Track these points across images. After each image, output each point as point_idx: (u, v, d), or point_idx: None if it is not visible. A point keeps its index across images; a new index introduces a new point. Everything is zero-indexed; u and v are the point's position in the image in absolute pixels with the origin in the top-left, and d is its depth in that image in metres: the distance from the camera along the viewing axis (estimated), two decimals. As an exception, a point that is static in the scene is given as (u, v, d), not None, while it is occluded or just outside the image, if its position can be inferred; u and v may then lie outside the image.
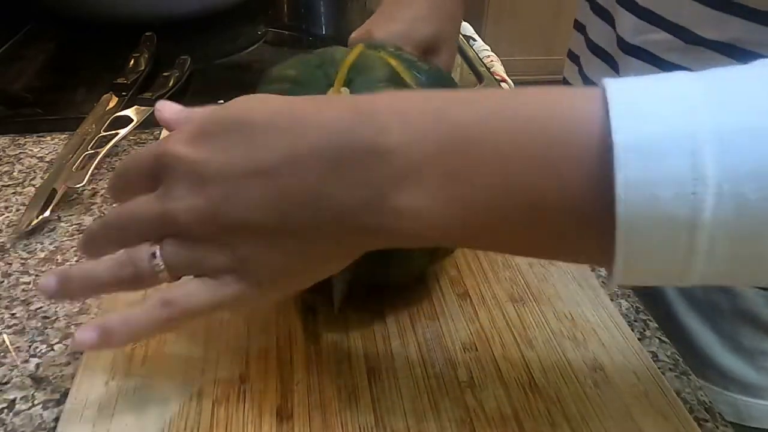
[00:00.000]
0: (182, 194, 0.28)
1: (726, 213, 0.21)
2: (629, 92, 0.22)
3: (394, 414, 0.33)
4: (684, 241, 0.22)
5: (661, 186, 0.21)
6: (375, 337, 0.38)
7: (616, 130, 0.21)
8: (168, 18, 0.85)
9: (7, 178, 0.55)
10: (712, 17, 0.41)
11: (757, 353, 0.48)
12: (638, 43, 0.48)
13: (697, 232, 0.21)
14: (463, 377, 0.35)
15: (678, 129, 0.21)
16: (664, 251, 0.22)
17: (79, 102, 0.69)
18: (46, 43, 0.85)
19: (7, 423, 0.33)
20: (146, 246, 0.29)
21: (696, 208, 0.21)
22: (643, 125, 0.21)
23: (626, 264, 0.23)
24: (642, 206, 0.21)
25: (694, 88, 0.22)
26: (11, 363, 0.37)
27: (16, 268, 0.45)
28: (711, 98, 0.21)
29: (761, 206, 0.20)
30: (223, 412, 0.33)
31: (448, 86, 0.39)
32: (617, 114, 0.22)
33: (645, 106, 0.22)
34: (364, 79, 0.36)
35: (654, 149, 0.21)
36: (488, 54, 0.92)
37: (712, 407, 0.35)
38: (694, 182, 0.21)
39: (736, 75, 0.23)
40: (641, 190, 0.21)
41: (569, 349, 0.37)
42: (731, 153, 0.20)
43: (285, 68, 0.38)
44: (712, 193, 0.21)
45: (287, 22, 0.95)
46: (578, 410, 0.33)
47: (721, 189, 0.20)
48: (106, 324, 0.30)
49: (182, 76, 0.71)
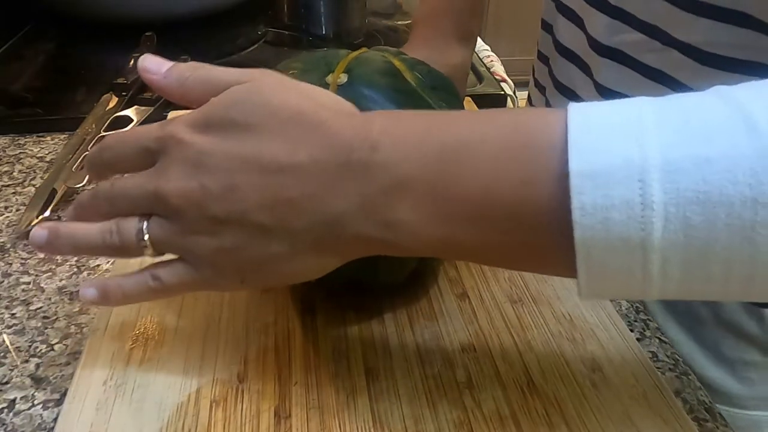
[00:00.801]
0: (179, 176, 0.28)
1: (674, 235, 0.22)
2: (586, 122, 0.24)
3: (392, 414, 0.33)
4: (638, 262, 0.23)
5: (614, 210, 0.23)
6: (373, 338, 0.38)
7: (572, 158, 0.23)
8: (168, 18, 0.85)
9: (7, 178, 0.55)
10: (681, 17, 0.41)
11: (740, 363, 0.48)
12: (613, 44, 0.47)
13: (648, 252, 0.23)
14: (462, 378, 0.35)
15: (628, 157, 0.23)
16: (622, 270, 0.24)
17: (79, 102, 0.69)
18: (46, 43, 0.85)
19: (7, 423, 0.33)
20: (135, 220, 0.30)
21: (646, 231, 0.22)
22: (597, 155, 0.23)
23: (588, 281, 0.25)
24: (597, 229, 0.23)
25: (647, 117, 0.24)
26: (11, 363, 0.37)
27: (16, 268, 0.45)
28: (661, 127, 0.23)
29: (706, 229, 0.22)
30: (221, 413, 0.33)
31: (446, 88, 0.39)
32: (574, 143, 0.23)
33: (599, 135, 0.24)
34: (365, 70, 0.36)
35: (606, 177, 0.23)
36: (488, 54, 0.92)
37: (712, 407, 0.35)
38: (642, 206, 0.22)
39: (689, 103, 0.24)
40: (595, 215, 0.23)
41: (568, 350, 0.37)
42: (676, 179, 0.22)
43: (291, 62, 0.39)
44: (659, 217, 0.22)
45: (287, 22, 0.95)
46: (576, 411, 0.33)
47: (668, 212, 0.22)
48: (104, 285, 0.32)
49: (182, 76, 0.71)
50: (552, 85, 0.57)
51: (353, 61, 0.37)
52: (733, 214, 0.22)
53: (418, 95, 0.37)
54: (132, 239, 0.30)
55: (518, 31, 2.70)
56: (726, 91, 0.24)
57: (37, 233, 0.32)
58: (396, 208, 0.27)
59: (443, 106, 0.37)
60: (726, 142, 0.22)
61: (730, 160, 0.22)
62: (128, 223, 0.30)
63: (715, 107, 0.23)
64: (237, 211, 0.28)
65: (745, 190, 0.21)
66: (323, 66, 0.37)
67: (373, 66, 0.37)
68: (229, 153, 0.28)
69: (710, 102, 0.24)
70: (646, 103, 0.25)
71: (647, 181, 0.22)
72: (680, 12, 0.41)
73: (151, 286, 0.31)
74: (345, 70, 0.36)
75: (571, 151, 0.23)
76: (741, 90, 0.24)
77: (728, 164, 0.22)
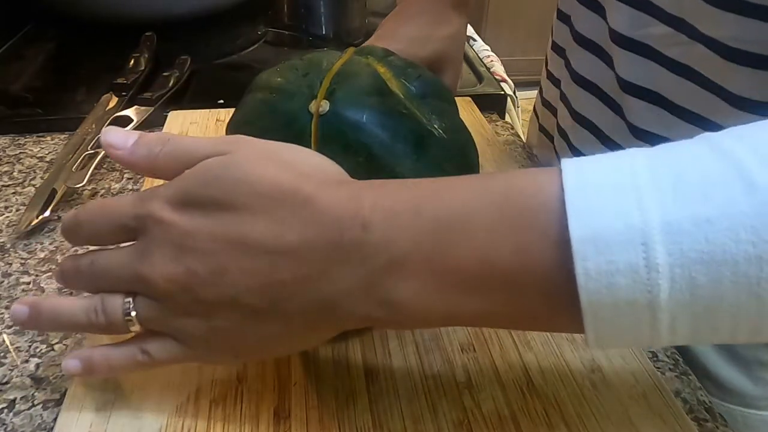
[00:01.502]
0: (163, 261, 0.28)
1: (681, 295, 0.22)
2: (582, 183, 0.24)
3: (391, 415, 0.33)
4: (647, 321, 0.23)
5: (618, 275, 0.22)
6: (373, 338, 0.38)
7: (572, 224, 0.23)
8: (168, 18, 0.85)
9: (7, 178, 0.56)
10: (708, 12, 0.40)
11: (755, 364, 0.48)
12: (636, 37, 0.46)
13: (657, 312, 0.23)
14: (461, 378, 0.35)
15: (629, 222, 0.23)
16: (630, 329, 0.24)
17: (79, 102, 0.69)
18: (46, 43, 0.85)
19: (7, 423, 0.33)
20: (120, 298, 0.29)
21: (652, 293, 0.22)
22: (597, 220, 0.23)
23: (597, 339, 0.25)
24: (602, 293, 0.23)
25: (641, 174, 0.23)
26: (11, 363, 0.37)
27: (16, 268, 0.45)
28: (657, 184, 0.23)
29: (712, 287, 0.22)
30: (220, 413, 0.33)
31: (440, 94, 0.38)
32: (573, 210, 0.23)
33: (597, 197, 0.23)
34: (348, 92, 0.35)
35: (608, 242, 0.23)
36: (488, 54, 0.92)
37: (712, 407, 0.35)
38: (647, 270, 0.22)
39: (681, 157, 0.24)
40: (600, 279, 0.23)
41: (567, 351, 0.37)
42: (678, 240, 0.22)
43: (273, 74, 0.37)
44: (665, 278, 0.22)
45: (287, 22, 0.95)
46: (576, 411, 0.33)
47: (674, 273, 0.22)
48: (90, 357, 0.31)
49: (182, 76, 0.71)
50: (569, 77, 0.55)
51: (336, 77, 0.35)
52: (739, 272, 0.22)
53: (408, 113, 0.35)
54: (118, 318, 0.29)
55: (518, 31, 2.70)
56: (717, 141, 0.24)
57: (18, 310, 0.31)
58: (393, 287, 0.26)
59: (434, 118, 0.36)
60: (724, 200, 0.22)
61: (730, 219, 0.22)
62: (113, 300, 0.29)
63: (708, 161, 0.23)
64: (227, 295, 0.27)
65: (748, 248, 0.22)
66: (305, 88, 0.35)
67: (358, 83, 0.35)
68: (213, 234, 0.27)
69: (702, 155, 0.24)
70: (639, 157, 0.24)
71: (650, 244, 0.22)
72: (708, 6, 0.40)
73: (140, 360, 0.30)
74: (328, 92, 0.35)
75: (570, 217, 0.23)
76: (731, 140, 0.24)
77: (729, 224, 0.22)
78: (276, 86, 0.36)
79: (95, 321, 0.30)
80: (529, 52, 2.63)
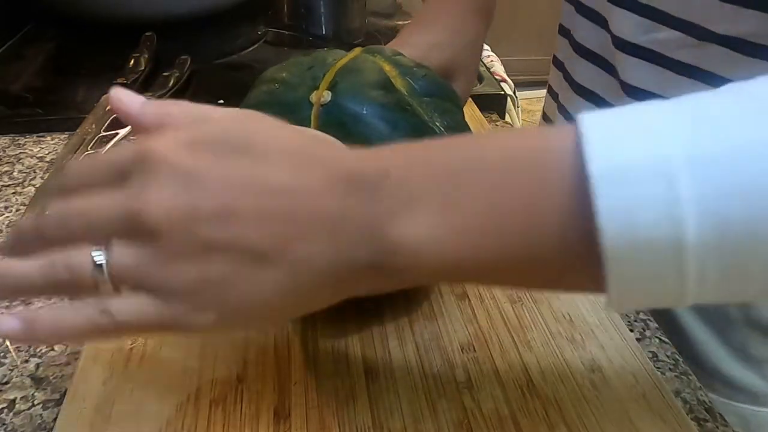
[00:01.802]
0: (163, 194, 0.24)
1: (709, 233, 0.21)
2: (602, 123, 0.23)
3: (391, 414, 0.33)
4: (672, 265, 0.22)
5: (640, 211, 0.21)
6: (373, 338, 0.38)
7: (590, 159, 0.22)
8: (168, 18, 0.85)
9: (7, 178, 0.56)
10: (724, 11, 0.41)
11: (766, 362, 0.48)
12: (642, 43, 0.47)
13: (683, 254, 0.21)
14: (461, 378, 0.35)
15: (651, 154, 0.21)
16: (654, 276, 0.22)
17: (79, 102, 0.69)
18: (46, 43, 0.85)
19: (7, 423, 0.33)
20: (88, 247, 0.25)
21: (677, 231, 0.21)
22: (617, 153, 0.22)
23: (619, 292, 0.23)
24: (625, 234, 0.21)
25: (666, 115, 0.22)
26: (11, 363, 0.37)
27: (16, 268, 0.45)
28: (683, 124, 0.22)
29: (745, 223, 0.20)
30: (220, 413, 0.33)
31: (443, 94, 0.39)
32: (590, 144, 0.22)
33: (617, 134, 0.22)
34: (351, 84, 0.35)
35: (629, 175, 0.21)
36: (488, 54, 0.92)
37: (712, 407, 0.35)
38: (671, 204, 0.21)
39: (707, 101, 0.23)
40: (621, 218, 0.21)
41: (567, 350, 0.37)
42: (706, 174, 0.21)
43: (278, 70, 0.38)
44: (692, 214, 0.21)
45: (287, 22, 0.95)
46: (576, 411, 0.33)
47: (700, 209, 0.21)
48: (34, 317, 0.26)
49: (182, 76, 0.71)
50: (569, 89, 0.56)
51: (341, 71, 0.36)
52: None
53: (410, 109, 0.35)
54: (85, 269, 0.25)
55: (518, 31, 2.70)
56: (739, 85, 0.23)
57: None
58: (406, 226, 0.25)
59: (436, 116, 0.36)
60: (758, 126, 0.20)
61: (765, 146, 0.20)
62: (79, 250, 0.25)
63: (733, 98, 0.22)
64: (231, 234, 0.24)
65: None
66: (309, 80, 0.36)
67: (362, 77, 0.36)
68: (225, 176, 0.25)
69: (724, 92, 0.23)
70: (661, 104, 0.23)
71: (675, 176, 0.21)
72: (722, 6, 0.40)
73: (98, 323, 0.25)
74: (331, 84, 0.35)
75: (587, 152, 0.22)
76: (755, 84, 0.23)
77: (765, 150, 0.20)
78: (280, 79, 0.37)
79: (52, 277, 0.25)
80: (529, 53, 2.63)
